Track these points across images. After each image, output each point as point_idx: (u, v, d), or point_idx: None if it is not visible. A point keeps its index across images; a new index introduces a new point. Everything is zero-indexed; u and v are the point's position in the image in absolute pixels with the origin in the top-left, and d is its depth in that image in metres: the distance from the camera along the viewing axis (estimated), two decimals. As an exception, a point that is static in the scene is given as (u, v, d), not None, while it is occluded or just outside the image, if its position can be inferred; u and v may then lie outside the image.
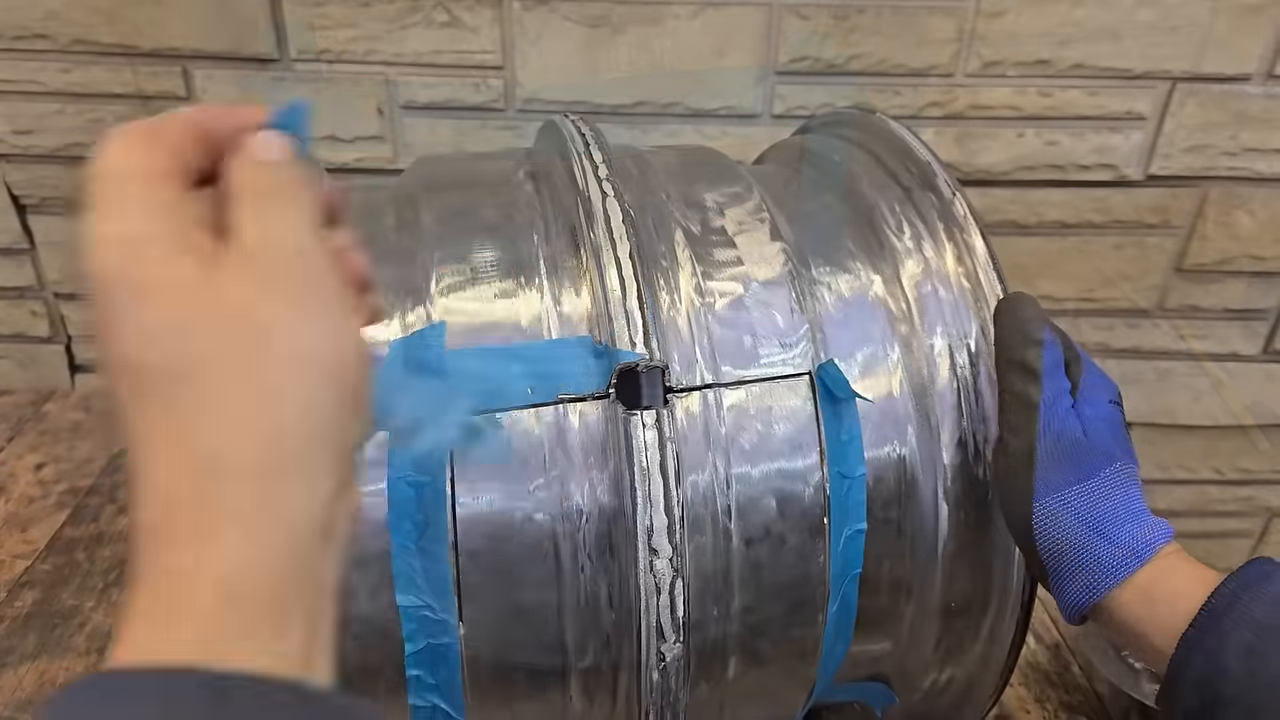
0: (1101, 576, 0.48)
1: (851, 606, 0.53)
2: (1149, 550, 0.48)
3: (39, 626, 0.80)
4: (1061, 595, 0.49)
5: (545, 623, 0.49)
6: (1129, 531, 0.48)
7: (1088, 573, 0.48)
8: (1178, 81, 1.03)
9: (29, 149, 1.04)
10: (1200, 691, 0.44)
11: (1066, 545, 0.48)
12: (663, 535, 0.45)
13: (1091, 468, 0.49)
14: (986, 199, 1.08)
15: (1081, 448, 0.49)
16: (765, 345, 0.51)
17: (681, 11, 0.98)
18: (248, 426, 0.26)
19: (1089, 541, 0.48)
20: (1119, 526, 0.48)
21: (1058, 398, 0.50)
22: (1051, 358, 0.50)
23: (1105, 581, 0.48)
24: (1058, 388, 0.50)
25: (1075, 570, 0.48)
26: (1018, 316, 0.52)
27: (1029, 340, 0.50)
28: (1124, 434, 0.51)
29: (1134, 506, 0.49)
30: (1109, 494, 0.49)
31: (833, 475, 0.50)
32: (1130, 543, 0.48)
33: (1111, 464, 0.49)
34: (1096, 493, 0.49)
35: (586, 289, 0.51)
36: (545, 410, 0.48)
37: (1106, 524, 0.48)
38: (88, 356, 1.17)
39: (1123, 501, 0.49)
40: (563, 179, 0.55)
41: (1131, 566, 0.47)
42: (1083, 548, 0.48)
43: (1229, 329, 1.16)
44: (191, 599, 0.25)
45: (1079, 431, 0.49)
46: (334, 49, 0.99)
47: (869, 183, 0.61)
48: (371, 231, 0.56)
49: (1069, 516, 0.48)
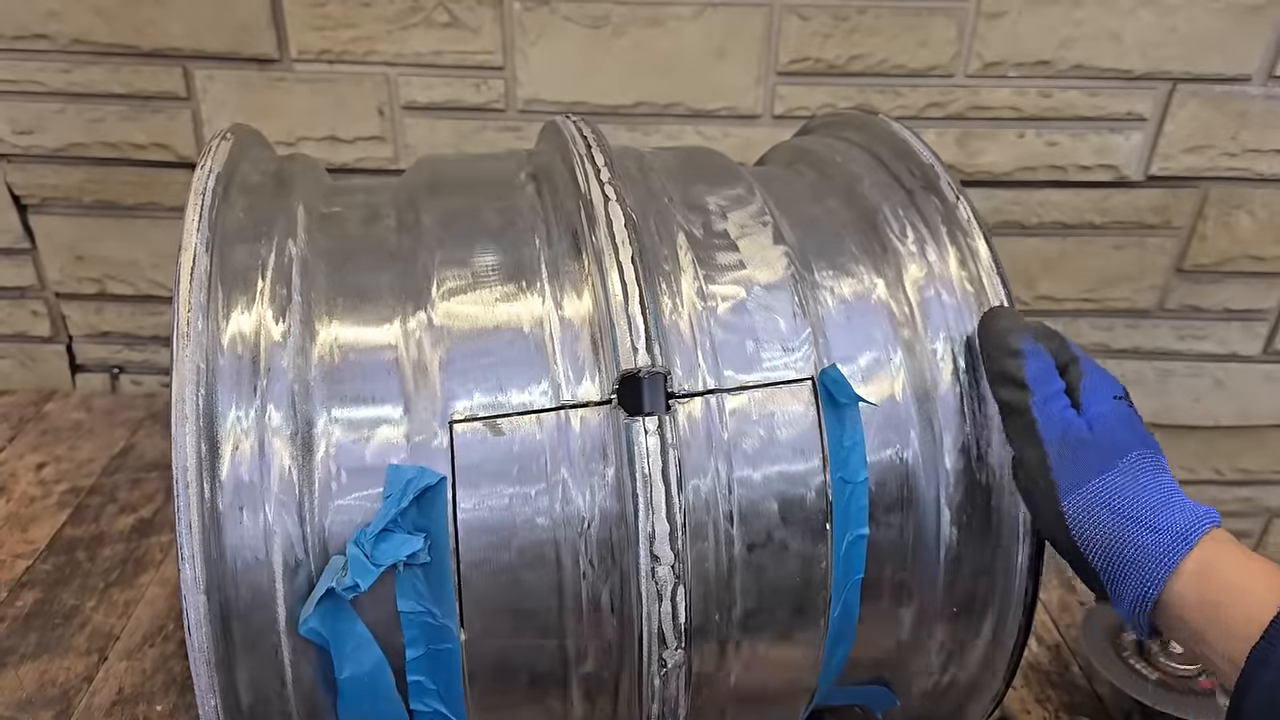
0: (1151, 567, 0.46)
1: (853, 611, 0.53)
2: (1195, 533, 0.46)
3: (39, 626, 0.80)
4: (1121, 601, 0.48)
5: (546, 628, 0.49)
6: (1168, 517, 0.46)
7: (1137, 567, 0.46)
8: (1178, 82, 1.03)
9: (29, 149, 1.04)
10: (1273, 711, 0.42)
11: (1108, 540, 0.47)
12: (664, 541, 0.45)
13: (1107, 459, 0.48)
14: (987, 200, 1.08)
15: (1090, 443, 0.48)
16: (768, 349, 0.51)
17: (681, 12, 0.98)
18: None
19: (1129, 532, 0.46)
20: (1157, 513, 0.47)
21: (1049, 401, 0.49)
22: (1037, 365, 0.50)
23: (1157, 571, 0.46)
24: (1047, 392, 0.50)
25: (1125, 567, 0.47)
26: (995, 329, 0.52)
27: (1008, 351, 0.51)
28: (1137, 425, 0.50)
29: (1167, 492, 0.48)
30: (1136, 482, 0.48)
31: (835, 480, 0.50)
32: (1172, 527, 0.46)
33: (1127, 453, 0.48)
34: (1121, 482, 0.47)
35: (588, 293, 0.50)
36: (547, 416, 0.48)
37: (1143, 512, 0.47)
38: (88, 356, 1.17)
39: (1154, 488, 0.48)
40: (565, 182, 0.55)
41: (1180, 551, 0.46)
42: (1124, 540, 0.47)
43: (1229, 329, 1.16)
44: None
45: (1084, 429, 0.49)
46: (334, 49, 0.99)
47: (871, 185, 0.60)
48: (372, 234, 0.56)
49: (1102, 510, 0.47)
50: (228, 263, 0.50)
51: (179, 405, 0.45)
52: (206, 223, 0.50)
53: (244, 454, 0.46)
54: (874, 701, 0.62)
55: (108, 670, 0.76)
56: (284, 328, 0.49)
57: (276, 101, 1.02)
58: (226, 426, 0.46)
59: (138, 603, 0.83)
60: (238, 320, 0.48)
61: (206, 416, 0.45)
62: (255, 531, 0.45)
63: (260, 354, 0.48)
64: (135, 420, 1.08)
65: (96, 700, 0.74)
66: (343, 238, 0.56)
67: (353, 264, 0.54)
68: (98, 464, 1.00)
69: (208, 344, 0.47)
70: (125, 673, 0.76)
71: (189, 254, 0.48)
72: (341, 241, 0.55)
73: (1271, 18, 1.00)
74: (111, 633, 0.80)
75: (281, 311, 0.49)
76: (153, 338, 1.16)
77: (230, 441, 0.46)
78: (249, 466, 0.46)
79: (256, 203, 0.55)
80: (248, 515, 0.45)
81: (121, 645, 0.79)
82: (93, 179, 1.06)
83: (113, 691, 0.75)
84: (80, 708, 0.73)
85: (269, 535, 0.45)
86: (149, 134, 1.03)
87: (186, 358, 0.46)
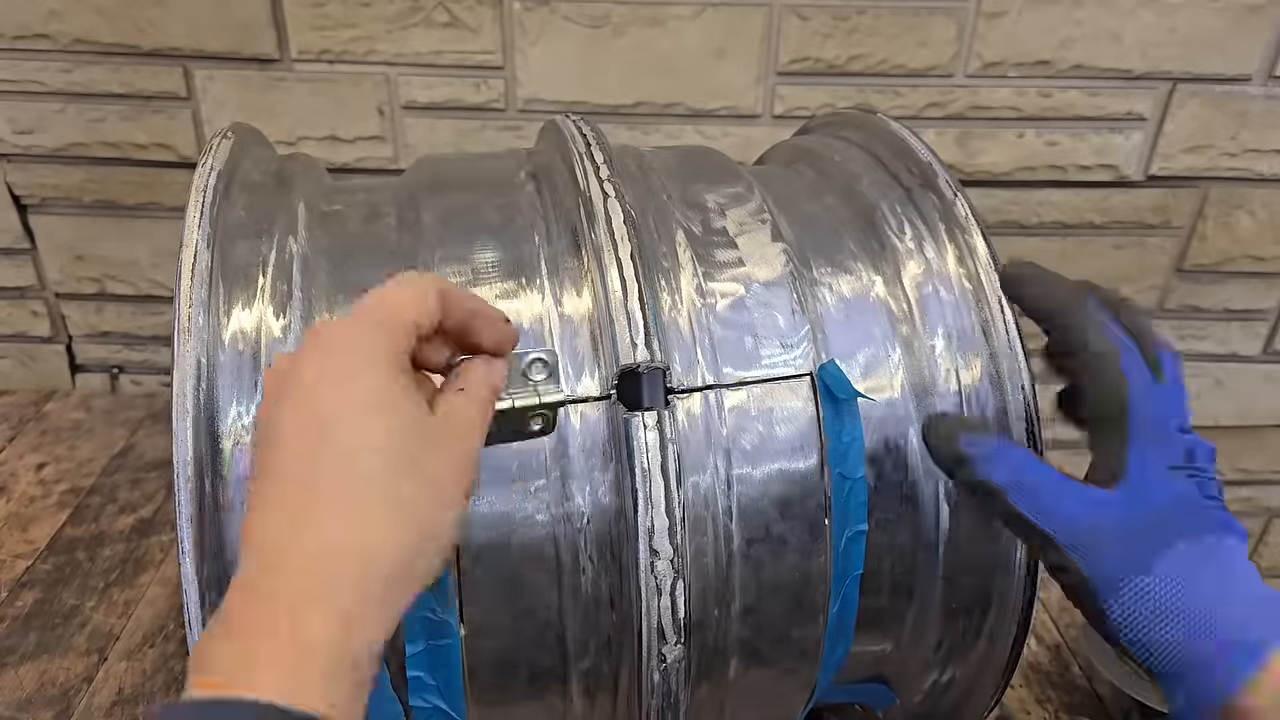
0: (1215, 681, 0.39)
1: (852, 607, 0.53)
2: (1267, 649, 0.38)
3: (39, 626, 0.80)
4: (1180, 713, 0.41)
5: (546, 624, 0.49)
6: (1233, 622, 0.39)
7: (1198, 679, 0.39)
8: (1178, 82, 1.03)
9: (30, 149, 1.04)
10: None
11: (1162, 648, 0.40)
12: (664, 536, 0.45)
13: (1153, 547, 0.40)
14: (987, 199, 1.08)
15: (1129, 529, 0.41)
16: (766, 346, 0.51)
17: (682, 11, 0.98)
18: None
19: (1183, 640, 0.39)
20: (1216, 618, 0.39)
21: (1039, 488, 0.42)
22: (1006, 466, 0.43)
23: (1225, 685, 0.39)
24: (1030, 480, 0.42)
25: (1182, 679, 0.40)
26: (938, 442, 0.45)
27: (957, 461, 0.44)
28: (1196, 499, 0.42)
29: (1234, 588, 0.40)
30: (1193, 574, 0.40)
31: (834, 476, 0.50)
32: (1238, 637, 0.39)
33: (1176, 542, 0.40)
34: (1175, 576, 0.40)
35: (588, 290, 0.51)
36: None
37: (1199, 615, 0.39)
38: (88, 356, 1.18)
39: (1218, 582, 0.40)
40: (564, 180, 0.55)
41: (1250, 666, 0.38)
42: (1175, 650, 0.39)
43: (1229, 329, 1.17)
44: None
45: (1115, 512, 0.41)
46: (334, 49, 0.99)
47: (870, 183, 0.61)
48: (372, 231, 0.56)
49: (1149, 613, 0.40)
50: (229, 259, 0.51)
51: (180, 401, 0.45)
52: (208, 220, 0.50)
53: (245, 449, 0.46)
54: (873, 699, 0.62)
55: (108, 670, 0.76)
56: (285, 324, 0.49)
57: (277, 101, 1.02)
58: (227, 422, 0.46)
59: (138, 602, 0.83)
60: (239, 316, 0.49)
61: (207, 412, 0.46)
62: (255, 527, 0.45)
63: (261, 350, 0.48)
64: (135, 420, 1.08)
65: (96, 700, 0.74)
66: (343, 235, 0.56)
67: (353, 261, 0.54)
68: (98, 464, 1.00)
69: (208, 340, 0.47)
70: (125, 673, 0.76)
71: (190, 250, 0.48)
72: (342, 239, 0.55)
73: (1271, 18, 1.00)
74: (111, 633, 0.80)
75: (282, 308, 0.50)
76: (153, 337, 1.16)
77: (231, 437, 0.46)
78: (250, 462, 0.46)
79: (257, 200, 0.55)
80: (247, 511, 0.45)
81: (121, 645, 0.79)
82: (93, 179, 1.06)
83: (113, 691, 0.75)
84: (80, 708, 0.73)
85: (269, 531, 0.45)
86: (149, 134, 1.03)
87: (187, 353, 0.46)
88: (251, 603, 0.31)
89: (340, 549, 0.31)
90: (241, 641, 0.30)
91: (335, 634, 0.30)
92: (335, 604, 0.30)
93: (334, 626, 0.30)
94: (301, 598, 0.30)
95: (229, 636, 0.30)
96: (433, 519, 0.34)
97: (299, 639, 0.29)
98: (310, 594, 0.30)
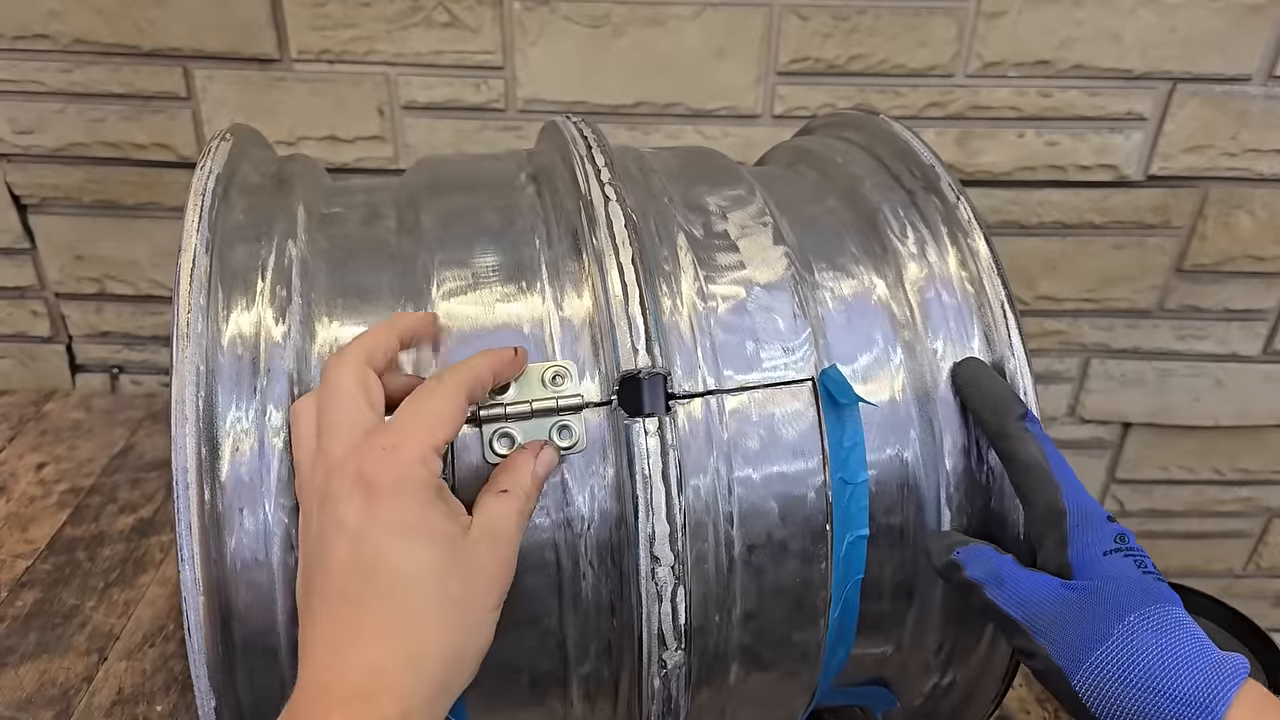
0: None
1: (853, 611, 0.53)
2: (1221, 702, 0.41)
3: (39, 626, 0.80)
4: None
5: (547, 629, 0.49)
6: (1188, 681, 0.42)
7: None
8: (1178, 82, 1.03)
9: (30, 149, 1.04)
10: None
11: (1125, 716, 0.42)
12: (664, 542, 0.45)
13: (1106, 625, 0.44)
14: (987, 199, 1.08)
15: (1082, 609, 0.44)
16: (767, 349, 0.51)
17: (682, 11, 0.98)
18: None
19: (1146, 704, 0.42)
20: (1174, 678, 0.42)
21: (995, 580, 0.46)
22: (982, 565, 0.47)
23: None
24: (988, 570, 0.47)
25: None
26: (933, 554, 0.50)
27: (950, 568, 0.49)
28: (1135, 578, 0.45)
29: (1186, 650, 0.43)
30: (1146, 645, 0.43)
31: (835, 481, 0.50)
32: (1193, 696, 0.41)
33: (1128, 614, 0.44)
34: (1130, 646, 0.43)
35: (588, 293, 0.50)
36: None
37: (1158, 678, 0.42)
38: (88, 356, 1.17)
39: (1168, 649, 0.43)
40: (565, 182, 0.55)
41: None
42: (1140, 716, 0.42)
43: (1229, 329, 1.16)
44: None
45: (1071, 598, 0.45)
46: (334, 49, 0.99)
47: (872, 186, 0.60)
48: (372, 234, 0.56)
49: (1113, 684, 0.43)
50: (227, 263, 0.50)
51: (179, 406, 0.45)
52: (206, 223, 0.50)
53: (244, 455, 0.46)
54: (874, 702, 0.62)
55: (108, 670, 0.76)
56: (284, 328, 0.49)
57: (276, 101, 1.02)
58: (226, 427, 0.46)
59: (138, 602, 0.83)
60: (237, 321, 0.48)
61: (206, 417, 0.45)
62: (255, 532, 0.45)
63: (260, 355, 0.48)
64: (135, 420, 1.08)
65: (96, 700, 0.74)
66: (343, 238, 0.56)
67: (353, 264, 0.54)
68: (98, 464, 1.00)
69: (207, 345, 0.47)
70: (125, 673, 0.76)
71: (189, 255, 0.48)
72: (341, 242, 0.55)
73: (1271, 18, 1.00)
74: (111, 632, 0.80)
75: (281, 312, 0.49)
76: (153, 338, 1.16)
77: (230, 442, 0.46)
78: (249, 467, 0.46)
79: (256, 203, 0.55)
80: (248, 516, 0.45)
81: (121, 645, 0.79)
82: (93, 179, 1.06)
83: (113, 691, 0.75)
84: (80, 708, 0.73)
85: (269, 536, 0.45)
86: (149, 134, 1.03)
87: (186, 359, 0.46)
88: (317, 702, 0.37)
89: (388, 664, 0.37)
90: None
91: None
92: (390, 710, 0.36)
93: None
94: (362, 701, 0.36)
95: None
96: (472, 622, 0.40)
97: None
98: (368, 697, 0.36)
